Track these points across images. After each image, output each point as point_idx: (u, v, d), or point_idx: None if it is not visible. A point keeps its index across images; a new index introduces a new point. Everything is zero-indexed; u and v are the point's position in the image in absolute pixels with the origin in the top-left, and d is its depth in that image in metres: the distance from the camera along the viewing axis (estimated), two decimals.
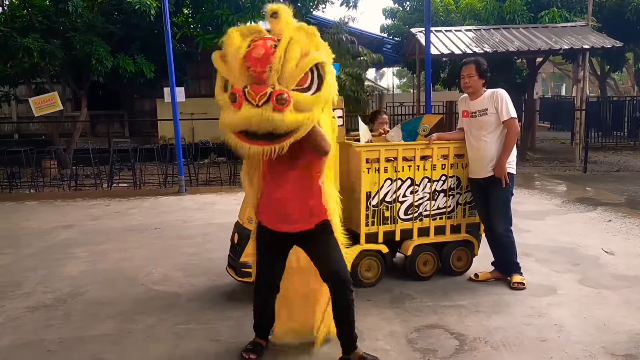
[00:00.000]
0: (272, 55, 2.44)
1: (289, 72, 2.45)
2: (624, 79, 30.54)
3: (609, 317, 3.84)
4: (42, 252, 5.85)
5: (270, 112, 2.39)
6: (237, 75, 2.50)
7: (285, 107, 2.41)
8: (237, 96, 2.46)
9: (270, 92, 2.41)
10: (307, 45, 2.51)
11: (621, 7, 13.35)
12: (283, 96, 2.41)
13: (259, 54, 2.44)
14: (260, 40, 2.51)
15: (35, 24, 11.35)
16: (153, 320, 3.93)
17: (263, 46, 2.46)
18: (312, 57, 2.50)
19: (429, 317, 3.91)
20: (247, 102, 2.43)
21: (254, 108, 2.41)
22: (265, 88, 2.42)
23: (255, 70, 2.45)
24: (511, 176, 4.39)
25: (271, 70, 2.44)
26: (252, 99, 2.41)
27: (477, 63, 4.40)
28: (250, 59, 2.46)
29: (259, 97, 2.40)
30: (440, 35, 11.54)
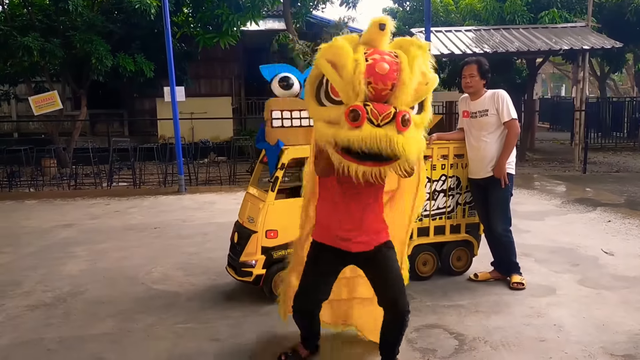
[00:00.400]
0: (396, 72, 2.30)
1: (413, 93, 2.34)
2: (624, 80, 30.56)
3: (608, 318, 3.85)
4: (42, 250, 5.85)
5: (394, 133, 2.25)
6: (355, 90, 2.30)
7: (407, 128, 2.29)
8: (360, 114, 2.26)
9: (394, 113, 2.27)
10: (424, 64, 2.41)
11: (621, 8, 13.37)
12: (407, 117, 2.29)
13: (384, 70, 2.29)
14: (377, 54, 2.36)
15: (35, 22, 11.35)
16: (153, 319, 3.93)
17: (385, 61, 2.31)
18: (432, 81, 2.42)
19: (429, 317, 3.91)
20: (368, 121, 2.26)
21: (375, 128, 2.25)
22: (389, 108, 2.28)
23: (377, 87, 2.30)
24: (510, 176, 4.40)
25: (393, 89, 2.30)
26: (374, 117, 2.26)
27: (479, 63, 4.40)
28: (373, 74, 2.29)
29: (383, 116, 2.25)
30: (440, 36, 11.54)
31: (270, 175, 4.20)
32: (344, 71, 2.33)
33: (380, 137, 2.24)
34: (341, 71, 2.34)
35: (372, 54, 2.35)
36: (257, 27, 13.12)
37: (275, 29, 14.46)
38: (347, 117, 2.29)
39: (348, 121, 2.29)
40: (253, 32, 13.99)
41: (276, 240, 4.09)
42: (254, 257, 4.07)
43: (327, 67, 2.39)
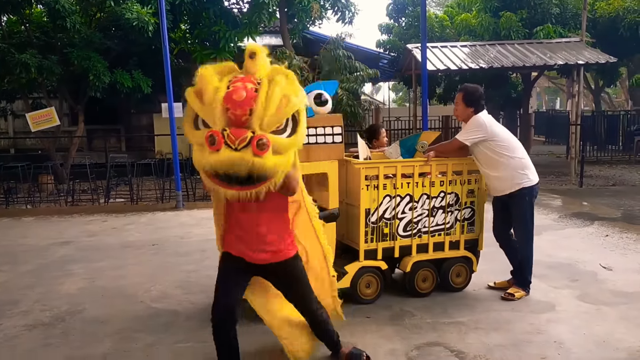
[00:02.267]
0: (253, 99, 2.40)
1: (270, 117, 2.42)
2: (618, 93, 30.81)
3: (609, 334, 3.84)
4: (39, 269, 5.82)
5: (250, 157, 2.35)
6: (216, 116, 2.42)
7: (265, 151, 2.37)
8: (215, 139, 2.37)
9: (250, 137, 2.36)
10: (288, 89, 2.49)
11: (614, 23, 13.53)
12: (263, 141, 2.37)
13: (241, 96, 2.39)
14: (239, 81, 2.47)
15: (32, 39, 11.40)
16: (152, 339, 3.90)
17: (244, 89, 2.42)
18: (293, 103, 2.49)
19: (429, 335, 3.90)
20: (226, 146, 2.36)
21: (233, 152, 2.35)
22: (246, 132, 2.37)
23: (235, 113, 2.39)
24: (528, 190, 4.45)
25: (251, 114, 2.40)
26: (231, 142, 2.35)
27: (464, 92, 4.52)
28: (231, 101, 2.40)
29: (239, 141, 2.35)
30: (436, 51, 11.65)
31: None
32: (205, 98, 2.45)
33: (236, 159, 2.35)
34: (203, 99, 2.46)
35: (235, 82, 2.47)
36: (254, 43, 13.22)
37: (272, 44, 14.56)
38: (207, 141, 2.40)
39: (207, 145, 2.40)
40: None
41: None
42: None
43: (190, 96, 2.52)
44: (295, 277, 3.12)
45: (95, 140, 15.73)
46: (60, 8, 10.34)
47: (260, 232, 2.93)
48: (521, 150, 4.53)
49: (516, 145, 4.52)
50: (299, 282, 3.14)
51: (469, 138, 4.44)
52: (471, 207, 4.72)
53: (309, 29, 14.13)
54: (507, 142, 4.49)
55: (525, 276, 4.63)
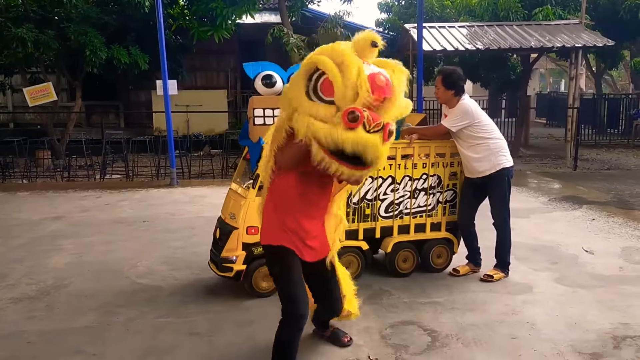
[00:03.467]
0: (390, 87, 2.47)
1: (397, 109, 2.51)
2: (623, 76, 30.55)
3: (581, 316, 3.92)
4: (30, 243, 5.91)
5: (380, 142, 2.39)
6: (354, 95, 2.41)
7: (389, 140, 2.45)
8: (358, 117, 2.35)
9: (383, 124, 2.40)
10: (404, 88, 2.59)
11: (615, 6, 13.38)
12: (392, 130, 2.44)
13: (382, 82, 2.43)
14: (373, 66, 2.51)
15: (29, 14, 11.33)
16: (134, 313, 4.00)
17: (382, 74, 2.47)
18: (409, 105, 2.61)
19: (405, 314, 3.99)
20: (362, 125, 2.37)
21: (366, 133, 2.36)
22: (380, 117, 2.41)
23: (372, 96, 2.41)
24: (506, 170, 4.53)
25: (384, 101, 2.44)
26: (368, 123, 2.36)
27: (443, 74, 4.56)
28: (373, 84, 2.41)
29: (375, 125, 2.37)
30: (433, 32, 11.57)
31: (252, 172, 4.26)
32: (347, 74, 2.42)
33: (372, 143, 2.37)
34: (345, 73, 2.43)
35: (369, 65, 2.50)
36: (252, 20, 13.14)
37: (271, 22, 14.47)
38: (346, 116, 2.37)
39: (345, 121, 2.36)
40: (249, 25, 13.99)
41: (257, 236, 4.12)
42: (235, 253, 4.14)
43: (333, 66, 2.46)
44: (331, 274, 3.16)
45: (94, 116, 15.78)
46: None
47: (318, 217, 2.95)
48: (498, 132, 4.64)
49: (494, 127, 4.61)
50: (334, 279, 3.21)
51: (456, 125, 4.48)
52: (453, 190, 4.78)
53: (308, 7, 14.01)
54: (488, 125, 4.54)
55: (504, 258, 4.71)
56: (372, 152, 2.39)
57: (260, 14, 14.53)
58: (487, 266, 4.77)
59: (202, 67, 16.24)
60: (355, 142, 2.36)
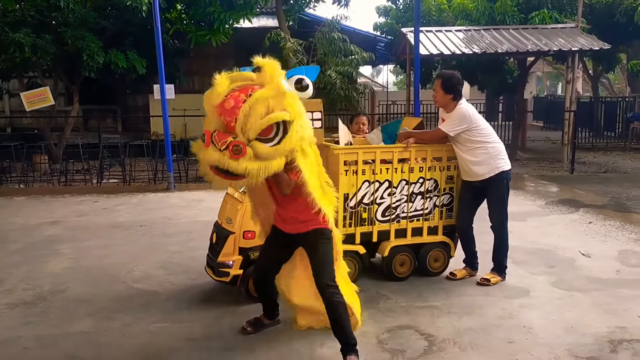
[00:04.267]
0: (238, 109, 2.74)
1: (251, 125, 2.75)
2: (619, 79, 30.64)
3: (578, 320, 3.92)
4: (26, 248, 5.90)
5: (227, 159, 2.72)
6: (212, 118, 2.85)
7: (239, 156, 2.72)
8: (205, 138, 2.78)
9: (229, 142, 2.72)
10: (274, 104, 2.80)
11: (611, 9, 13.44)
12: (238, 147, 2.72)
13: (229, 105, 2.76)
14: (237, 91, 2.82)
15: (27, 18, 11.34)
16: (130, 318, 3.99)
17: (234, 98, 2.78)
18: (273, 116, 2.79)
19: (402, 318, 3.98)
20: (212, 144, 2.75)
21: (216, 151, 2.73)
22: (227, 137, 2.74)
23: (225, 119, 2.78)
24: (505, 174, 4.54)
25: (236, 122, 2.75)
26: (216, 142, 2.74)
27: (442, 78, 4.55)
28: (222, 107, 2.79)
29: (221, 143, 2.73)
30: (430, 36, 11.59)
31: None
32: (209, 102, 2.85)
33: (216, 159, 2.74)
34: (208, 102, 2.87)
35: (235, 91, 2.82)
36: (250, 24, 13.15)
37: (268, 26, 14.47)
38: (200, 138, 2.85)
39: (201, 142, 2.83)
40: (246, 29, 13.99)
41: (253, 241, 4.14)
42: (231, 258, 4.14)
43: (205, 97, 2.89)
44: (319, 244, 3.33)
45: (91, 121, 15.75)
46: None
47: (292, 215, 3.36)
48: (496, 136, 4.66)
49: (492, 131, 4.62)
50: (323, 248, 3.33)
51: (454, 129, 4.49)
52: (450, 194, 4.78)
53: (305, 11, 14.04)
54: (486, 129, 4.56)
55: (501, 261, 4.71)
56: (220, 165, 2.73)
57: (258, 18, 14.54)
58: (484, 269, 4.77)
59: (200, 71, 16.21)
60: (206, 158, 2.78)
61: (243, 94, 2.81)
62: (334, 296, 3.24)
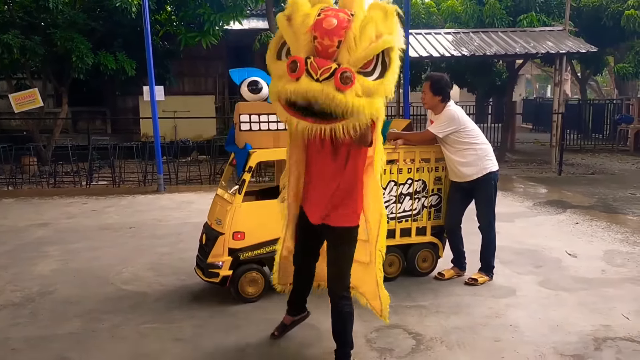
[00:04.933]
0: (344, 30, 2.27)
1: (360, 52, 2.28)
2: (607, 82, 30.94)
3: (563, 318, 3.98)
4: (15, 250, 5.88)
5: (332, 89, 2.23)
6: (302, 43, 2.32)
7: (348, 87, 2.25)
8: (298, 65, 2.28)
9: (334, 68, 2.25)
10: (383, 26, 2.34)
11: (598, 13, 13.58)
12: (347, 74, 2.24)
13: (331, 25, 2.27)
14: (332, 10, 2.35)
15: (15, 19, 11.28)
16: (119, 319, 3.99)
17: (335, 17, 2.30)
18: (385, 40, 2.33)
19: (390, 317, 3.95)
20: (307, 74, 2.26)
21: (313, 82, 2.25)
22: (330, 63, 2.26)
23: (322, 42, 2.28)
24: (493, 175, 4.60)
25: (340, 46, 2.27)
26: (313, 71, 2.25)
27: (431, 80, 4.61)
28: (320, 29, 2.28)
29: (322, 71, 2.24)
30: (419, 38, 11.67)
31: (238, 178, 4.28)
32: (293, 24, 2.35)
33: (316, 91, 2.24)
34: (292, 24, 2.37)
35: (327, 10, 2.35)
36: (240, 26, 13.16)
37: (259, 28, 14.50)
38: (288, 68, 2.31)
39: (288, 72, 2.30)
40: (236, 31, 14.01)
41: (243, 242, 4.17)
42: (221, 259, 4.15)
43: (282, 21, 2.43)
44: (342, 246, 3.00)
45: (80, 122, 15.66)
46: None
47: (331, 187, 2.85)
48: (484, 138, 4.72)
49: (480, 133, 4.68)
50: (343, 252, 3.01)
51: (443, 131, 4.54)
52: (438, 194, 4.83)
53: None
54: (474, 130, 4.61)
55: (489, 261, 4.76)
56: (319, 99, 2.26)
57: (248, 20, 14.55)
58: (472, 269, 4.82)
59: (190, 72, 16.21)
60: (295, 92, 2.29)
61: (342, 13, 2.32)
62: (345, 307, 3.02)
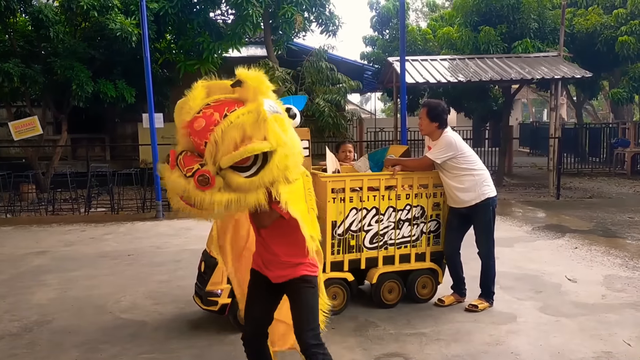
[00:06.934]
0: (209, 132, 2.35)
1: (223, 153, 2.35)
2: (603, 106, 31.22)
3: (564, 345, 3.95)
4: (13, 279, 5.84)
5: (192, 188, 2.35)
6: (180, 135, 2.48)
7: (207, 188, 2.34)
8: (169, 160, 2.45)
9: (195, 170, 2.35)
10: (252, 130, 2.37)
11: (592, 38, 13.79)
12: (205, 178, 2.34)
13: (200, 126, 2.37)
14: (212, 108, 2.41)
15: (16, 48, 11.43)
16: (117, 349, 3.96)
17: (205, 118, 2.38)
18: (250, 147, 2.36)
19: (390, 345, 3.99)
20: (177, 168, 2.40)
21: (182, 177, 2.38)
22: (194, 163, 2.37)
23: (194, 140, 2.42)
24: (490, 200, 4.61)
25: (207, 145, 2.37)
26: (181, 167, 2.39)
27: (428, 107, 4.66)
28: (191, 127, 2.41)
29: (186, 170, 2.37)
30: (416, 64, 11.81)
31: None
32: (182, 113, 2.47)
33: (181, 186, 2.37)
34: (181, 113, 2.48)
35: (209, 108, 2.40)
36: (239, 53, 13.32)
37: (257, 55, 14.66)
38: (165, 158, 2.48)
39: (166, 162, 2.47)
40: (235, 59, 14.16)
41: None
42: (220, 287, 4.14)
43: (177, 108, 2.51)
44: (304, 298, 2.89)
45: (79, 149, 15.71)
46: (44, 17, 10.45)
47: (274, 252, 2.87)
48: (481, 164, 4.74)
49: (477, 159, 4.71)
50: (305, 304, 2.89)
51: (440, 157, 4.57)
52: (437, 220, 4.83)
53: (293, 41, 14.25)
54: (471, 156, 4.64)
55: (489, 287, 4.75)
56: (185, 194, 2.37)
57: (247, 48, 14.72)
58: (472, 296, 4.80)
59: None
60: (169, 184, 2.44)
61: (217, 113, 2.38)
62: (317, 356, 2.85)
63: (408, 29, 14.95)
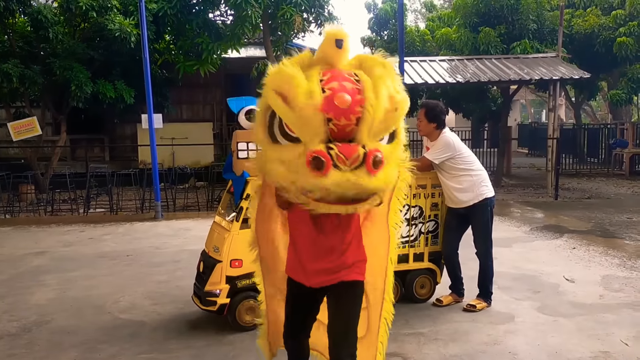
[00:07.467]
0: (359, 104, 1.95)
1: (379, 125, 1.98)
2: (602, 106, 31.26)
3: (562, 345, 3.96)
4: (11, 279, 5.85)
5: (364, 178, 1.93)
6: (313, 128, 1.96)
7: (380, 169, 1.96)
8: (323, 163, 1.90)
9: (364, 154, 1.93)
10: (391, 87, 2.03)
11: (590, 39, 13.83)
12: (379, 157, 1.94)
13: (345, 103, 1.92)
14: (335, 80, 1.99)
15: (15, 49, 11.44)
16: (116, 349, 3.97)
17: (347, 91, 1.96)
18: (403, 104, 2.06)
19: (388, 345, 3.93)
20: (334, 167, 1.92)
21: (345, 173, 1.92)
22: (357, 149, 1.93)
23: (339, 123, 1.94)
24: (489, 200, 4.62)
25: (358, 123, 1.96)
26: (341, 163, 1.91)
27: (426, 107, 4.67)
28: (333, 108, 1.93)
29: (352, 161, 1.92)
30: (415, 65, 11.83)
31: (236, 205, 4.30)
32: (295, 104, 1.97)
33: (350, 184, 1.93)
34: (292, 105, 1.98)
35: (329, 81, 1.99)
36: (238, 54, 13.35)
37: (256, 56, 14.69)
38: (309, 165, 1.92)
39: (311, 169, 1.92)
40: (234, 59, 14.21)
41: (241, 269, 4.16)
42: (219, 287, 4.14)
43: (277, 100, 2.02)
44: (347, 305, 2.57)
45: (79, 150, 15.73)
46: (43, 18, 10.46)
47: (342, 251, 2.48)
48: (479, 164, 4.76)
49: (475, 159, 4.72)
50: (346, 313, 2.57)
51: (439, 157, 4.59)
52: (435, 220, 4.85)
53: (292, 41, 14.27)
54: (470, 157, 4.66)
55: (487, 287, 4.76)
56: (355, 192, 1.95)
57: (246, 48, 14.75)
58: (470, 296, 4.81)
59: (188, 100, 16.37)
60: (327, 189, 1.93)
61: (347, 82, 1.97)
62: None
63: (406, 30, 14.97)
